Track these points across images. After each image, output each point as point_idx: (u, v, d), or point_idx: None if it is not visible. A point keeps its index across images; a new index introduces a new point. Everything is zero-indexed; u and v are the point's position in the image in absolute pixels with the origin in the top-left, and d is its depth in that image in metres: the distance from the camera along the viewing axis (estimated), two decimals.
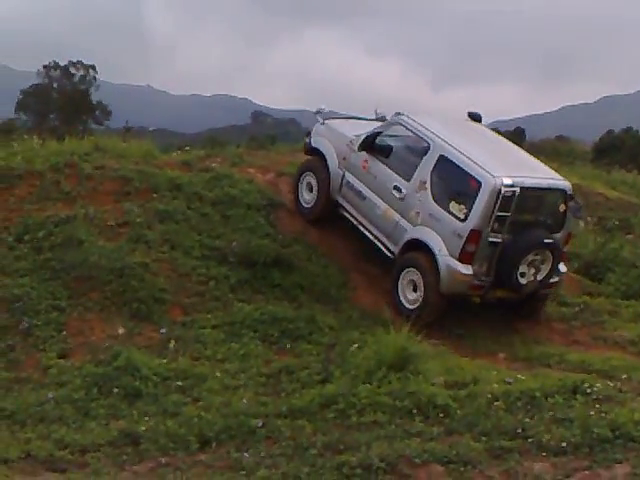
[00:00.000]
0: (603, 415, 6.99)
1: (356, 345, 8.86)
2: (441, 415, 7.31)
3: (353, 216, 11.76)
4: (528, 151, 12.43)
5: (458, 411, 7.37)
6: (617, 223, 16.42)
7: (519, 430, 6.85)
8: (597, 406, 7.26)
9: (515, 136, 39.25)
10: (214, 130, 48.95)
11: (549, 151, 28.73)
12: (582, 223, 16.35)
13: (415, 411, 7.35)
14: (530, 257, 10.45)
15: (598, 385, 7.73)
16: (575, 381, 7.84)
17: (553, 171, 11.29)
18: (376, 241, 11.42)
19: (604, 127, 41.57)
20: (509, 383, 8.08)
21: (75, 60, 57.50)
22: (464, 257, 10.34)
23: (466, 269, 10.37)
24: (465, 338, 10.58)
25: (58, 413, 7.45)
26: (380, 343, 8.43)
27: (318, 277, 11.18)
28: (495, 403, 7.52)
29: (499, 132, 20.28)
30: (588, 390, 7.60)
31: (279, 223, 12.15)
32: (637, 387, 8.09)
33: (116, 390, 7.84)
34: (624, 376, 8.46)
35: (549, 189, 10.90)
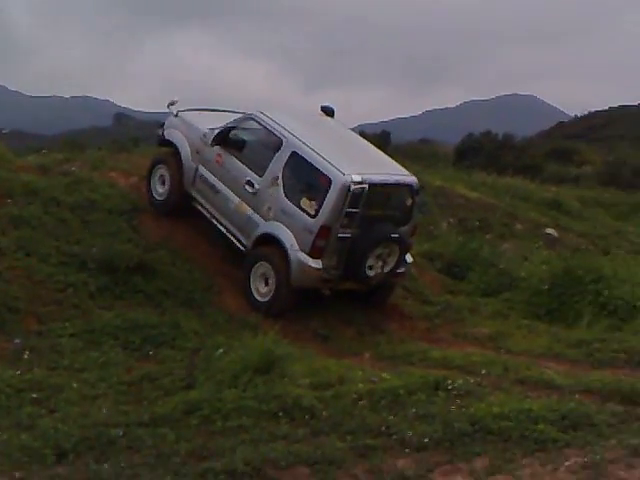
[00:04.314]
0: (463, 410, 7.13)
1: (221, 350, 8.71)
2: (307, 417, 7.24)
3: (207, 209, 11.82)
4: (393, 154, 12.67)
5: (324, 412, 7.32)
6: (477, 223, 17.00)
7: (383, 428, 6.88)
8: (458, 401, 7.40)
9: (381, 139, 40.00)
10: (74, 132, 47.35)
11: (413, 153, 29.42)
12: (444, 224, 16.88)
13: (281, 414, 7.24)
14: (378, 251, 10.84)
15: (459, 381, 7.87)
16: (437, 378, 7.95)
17: (401, 167, 11.59)
18: (229, 235, 11.53)
19: (465, 130, 42.85)
20: (374, 382, 8.12)
21: None
22: (314, 252, 10.60)
23: (316, 263, 10.63)
24: (331, 340, 10.67)
25: None
26: (246, 347, 8.34)
27: (183, 282, 10.98)
28: (360, 402, 7.53)
29: (365, 135, 20.60)
30: (449, 386, 7.73)
31: (142, 228, 11.88)
32: (496, 381, 8.30)
33: None
34: (483, 371, 8.66)
35: (397, 184, 11.22)
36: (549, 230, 17.68)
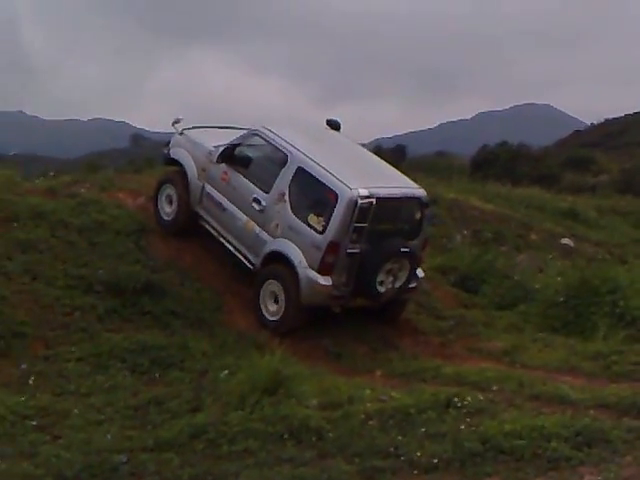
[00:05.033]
0: (474, 428, 6.95)
1: (226, 371, 8.59)
2: (314, 438, 7.08)
3: (214, 228, 11.69)
4: (409, 167, 12.53)
5: (331, 433, 7.16)
6: (491, 235, 16.81)
7: (392, 448, 6.73)
8: (468, 419, 7.21)
9: (397, 153, 39.94)
10: (94, 155, 47.62)
11: (429, 167, 29.27)
12: (458, 237, 16.71)
13: (287, 436, 7.09)
14: (388, 266, 10.67)
15: (469, 398, 7.68)
16: (448, 395, 7.77)
17: (409, 179, 11.44)
18: (237, 253, 11.39)
19: (481, 142, 42.65)
20: (384, 401, 7.95)
21: None
22: (323, 269, 10.43)
23: (326, 280, 10.46)
24: (343, 357, 10.51)
25: None
26: (254, 367, 8.19)
27: (191, 302, 10.87)
28: (369, 422, 7.37)
29: (381, 149, 20.49)
30: (459, 404, 7.55)
31: (150, 248, 11.79)
32: (509, 397, 8.10)
33: None
34: (496, 387, 8.47)
35: (405, 198, 11.07)
36: (565, 240, 17.47)
